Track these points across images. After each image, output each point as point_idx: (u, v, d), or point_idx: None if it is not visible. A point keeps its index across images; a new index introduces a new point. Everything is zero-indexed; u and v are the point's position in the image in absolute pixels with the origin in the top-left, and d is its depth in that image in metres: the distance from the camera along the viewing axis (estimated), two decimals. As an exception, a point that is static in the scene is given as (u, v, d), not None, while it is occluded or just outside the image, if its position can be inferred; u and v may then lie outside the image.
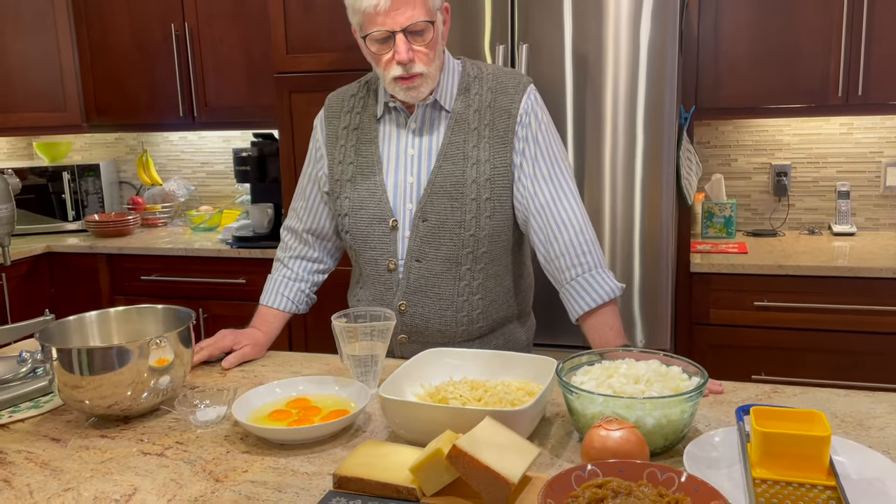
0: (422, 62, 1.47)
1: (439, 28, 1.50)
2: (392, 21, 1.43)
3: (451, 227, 1.53)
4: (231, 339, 1.61)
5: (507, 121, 1.53)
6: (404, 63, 1.46)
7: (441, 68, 1.55)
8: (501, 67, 1.62)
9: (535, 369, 1.33)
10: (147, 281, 3.16)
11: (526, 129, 1.54)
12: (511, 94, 1.55)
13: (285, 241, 1.74)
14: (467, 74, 1.58)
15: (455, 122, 1.55)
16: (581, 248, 1.50)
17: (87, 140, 3.91)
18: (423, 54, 1.47)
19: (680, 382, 1.17)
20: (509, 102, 1.54)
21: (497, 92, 1.55)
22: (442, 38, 1.54)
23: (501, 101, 1.55)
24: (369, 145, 1.59)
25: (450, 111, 1.56)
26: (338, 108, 1.65)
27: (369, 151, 1.58)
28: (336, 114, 1.64)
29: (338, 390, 1.35)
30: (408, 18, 1.43)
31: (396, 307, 1.57)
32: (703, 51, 2.69)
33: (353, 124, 1.61)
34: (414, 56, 1.46)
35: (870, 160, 2.96)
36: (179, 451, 1.21)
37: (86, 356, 1.25)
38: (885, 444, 1.14)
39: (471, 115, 1.55)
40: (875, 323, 2.44)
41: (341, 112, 1.64)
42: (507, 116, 1.54)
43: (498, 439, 1.04)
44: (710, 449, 1.10)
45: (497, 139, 1.53)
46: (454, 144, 1.54)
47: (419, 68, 1.47)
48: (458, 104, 1.56)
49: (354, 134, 1.61)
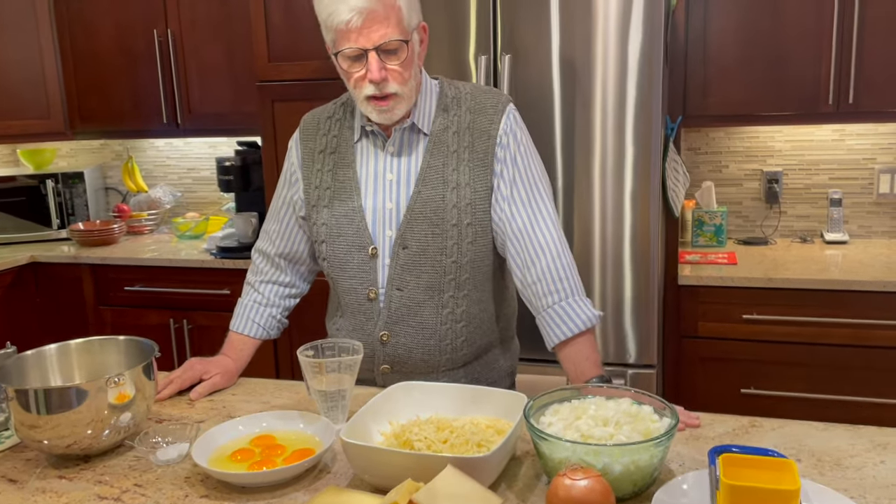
0: (395, 81, 1.43)
1: (415, 48, 1.46)
2: (364, 39, 1.39)
3: (433, 253, 1.49)
4: (200, 369, 1.57)
5: (487, 142, 1.49)
6: (377, 82, 1.41)
7: (417, 89, 1.50)
8: (480, 86, 1.58)
9: (507, 405, 1.29)
10: (131, 291, 3.13)
11: (504, 150, 1.50)
12: (490, 114, 1.51)
13: (256, 264, 1.70)
14: (445, 95, 1.53)
15: (433, 145, 1.51)
16: (558, 273, 1.46)
17: (72, 146, 3.87)
18: (398, 73, 1.43)
19: (651, 424, 1.14)
20: (488, 123, 1.50)
21: (476, 112, 1.51)
22: (419, 59, 1.50)
23: (480, 121, 1.50)
24: (346, 169, 1.55)
25: (428, 133, 1.51)
26: (313, 130, 1.60)
27: (346, 176, 1.54)
28: (311, 136, 1.60)
29: (303, 427, 1.32)
30: (381, 37, 1.39)
31: (378, 337, 1.53)
32: (691, 58, 2.65)
33: (330, 147, 1.57)
34: (387, 75, 1.42)
35: (862, 167, 2.92)
36: (136, 496, 1.17)
37: (42, 396, 1.22)
38: (861, 486, 1.11)
39: (450, 137, 1.51)
40: (865, 337, 2.40)
41: (317, 134, 1.59)
42: (486, 138, 1.49)
43: (458, 489, 1.00)
44: (680, 495, 1.07)
45: (477, 162, 1.49)
46: (433, 168, 1.49)
47: (392, 88, 1.43)
48: (437, 126, 1.51)
49: (331, 158, 1.56)
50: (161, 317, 3.10)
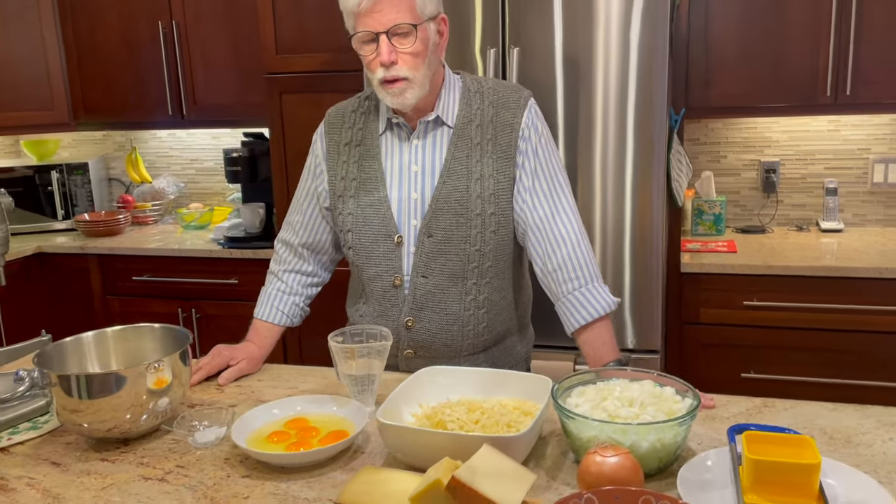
0: (406, 65, 1.47)
1: (429, 36, 1.49)
2: (375, 22, 1.44)
3: (457, 242, 1.54)
4: (227, 355, 1.62)
5: (510, 135, 1.54)
6: (386, 64, 1.46)
7: (435, 79, 1.55)
8: (501, 81, 1.63)
9: (530, 387, 1.34)
10: (139, 281, 3.16)
11: (526, 142, 1.55)
12: (513, 108, 1.56)
13: (280, 253, 1.75)
14: (468, 89, 1.58)
15: (457, 138, 1.55)
16: (577, 262, 1.52)
17: (74, 137, 3.88)
18: (409, 57, 1.47)
19: (673, 405, 1.19)
20: (511, 117, 1.55)
21: (499, 106, 1.56)
22: (437, 49, 1.53)
23: (503, 115, 1.55)
24: (372, 161, 1.59)
25: (452, 126, 1.56)
26: (338, 123, 1.65)
27: (372, 167, 1.59)
28: (337, 129, 1.64)
29: (336, 410, 1.37)
30: (391, 20, 1.43)
31: (403, 323, 1.58)
32: (693, 51, 2.70)
33: (356, 140, 1.61)
34: (397, 58, 1.46)
35: (857, 157, 2.99)
36: (180, 476, 1.22)
37: (84, 381, 1.26)
38: (872, 462, 1.17)
39: (473, 130, 1.56)
40: (862, 322, 2.48)
41: (342, 127, 1.64)
42: (509, 131, 1.55)
43: (495, 467, 1.05)
44: (703, 471, 1.12)
45: (500, 154, 1.54)
46: (457, 160, 1.54)
47: (402, 72, 1.47)
48: (460, 119, 1.56)
49: (357, 150, 1.61)
50: (169, 306, 3.13)
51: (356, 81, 2.69)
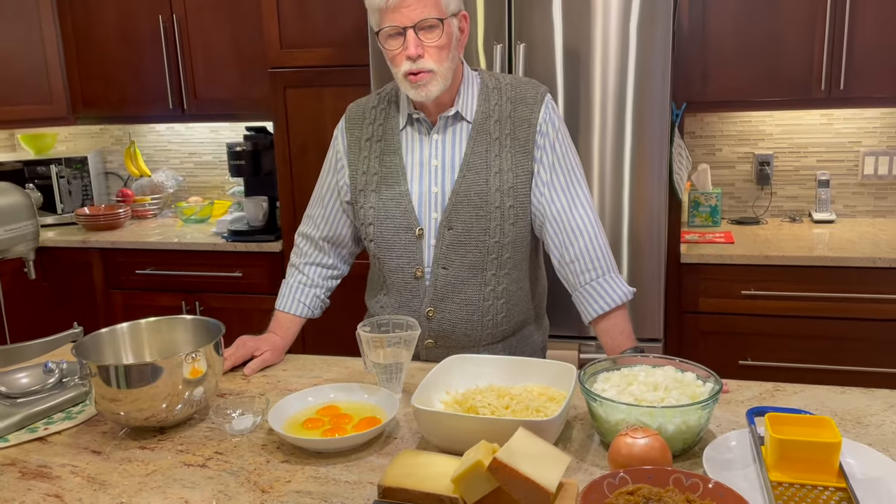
0: (431, 59, 1.51)
1: (452, 31, 1.54)
2: (402, 17, 1.48)
3: (477, 234, 1.59)
4: (252, 346, 1.65)
5: (528, 130, 1.59)
6: (413, 58, 1.50)
7: (456, 74, 1.59)
8: (518, 77, 1.67)
9: (553, 374, 1.40)
10: (142, 275, 3.18)
11: (544, 137, 1.60)
12: (531, 104, 1.60)
13: (300, 247, 1.78)
14: (486, 85, 1.63)
15: (476, 133, 1.60)
16: (594, 253, 1.57)
17: (71, 131, 3.88)
18: (434, 50, 1.51)
19: (696, 389, 1.25)
20: (529, 112, 1.60)
21: (516, 102, 1.61)
22: (458, 44, 1.58)
23: (521, 111, 1.60)
24: (393, 156, 1.63)
25: (471, 122, 1.61)
26: (359, 119, 1.69)
27: (393, 162, 1.63)
28: (357, 124, 1.68)
29: (366, 398, 1.41)
30: (418, 15, 1.48)
31: (424, 313, 1.63)
32: (691, 46, 2.76)
33: (377, 135, 1.65)
34: (423, 52, 1.51)
35: (848, 150, 3.07)
36: (221, 462, 1.26)
37: (123, 371, 1.30)
38: (883, 441, 1.24)
39: (491, 125, 1.60)
40: (855, 310, 2.56)
41: (363, 123, 1.68)
42: (527, 126, 1.59)
43: (532, 449, 1.11)
44: (726, 451, 1.18)
45: (518, 148, 1.59)
46: (477, 154, 1.59)
47: (428, 64, 1.51)
48: (479, 115, 1.61)
49: (378, 145, 1.65)
50: (173, 299, 3.15)
51: (360, 76, 2.72)
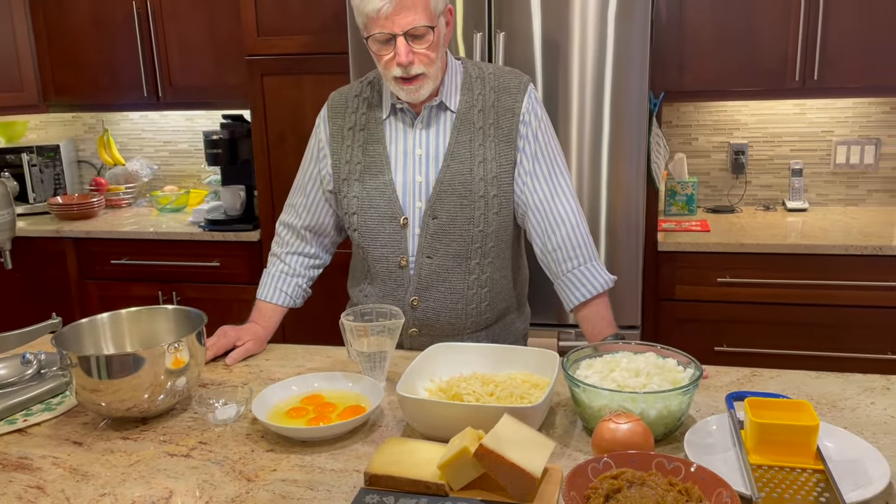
0: (422, 63, 1.51)
1: (441, 32, 1.54)
2: (393, 24, 1.47)
3: (461, 224, 1.59)
4: (233, 336, 1.65)
5: (511, 119, 1.60)
6: (404, 65, 1.50)
7: (443, 69, 1.60)
8: (501, 66, 1.68)
9: (536, 361, 1.41)
10: (117, 265, 3.14)
11: (527, 127, 1.60)
12: (514, 93, 1.61)
13: (282, 236, 1.78)
14: (469, 75, 1.63)
15: (460, 122, 1.60)
16: (576, 242, 1.59)
17: (42, 119, 3.81)
18: (424, 56, 1.51)
19: (677, 374, 1.27)
20: (512, 102, 1.60)
21: (500, 91, 1.61)
22: (444, 41, 1.58)
23: (505, 100, 1.60)
24: (376, 145, 1.63)
25: (454, 111, 1.61)
26: (342, 108, 1.68)
27: (377, 151, 1.63)
28: (340, 113, 1.67)
29: (350, 386, 1.41)
30: (409, 23, 1.47)
31: (408, 302, 1.63)
32: (669, 36, 2.78)
33: (360, 124, 1.65)
34: (414, 59, 1.50)
35: (821, 139, 3.11)
36: (205, 452, 1.26)
37: (104, 362, 1.29)
38: (858, 424, 1.27)
39: (475, 114, 1.61)
40: (827, 296, 2.60)
41: (346, 112, 1.67)
42: (510, 115, 1.60)
43: (518, 435, 1.12)
44: (707, 435, 1.20)
45: (502, 138, 1.60)
46: (461, 143, 1.59)
47: (419, 69, 1.52)
48: (462, 104, 1.61)
49: (361, 134, 1.64)
50: (149, 289, 3.12)
51: (338, 63, 2.70)
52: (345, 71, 2.60)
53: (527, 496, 1.06)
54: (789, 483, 1.05)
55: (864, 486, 1.04)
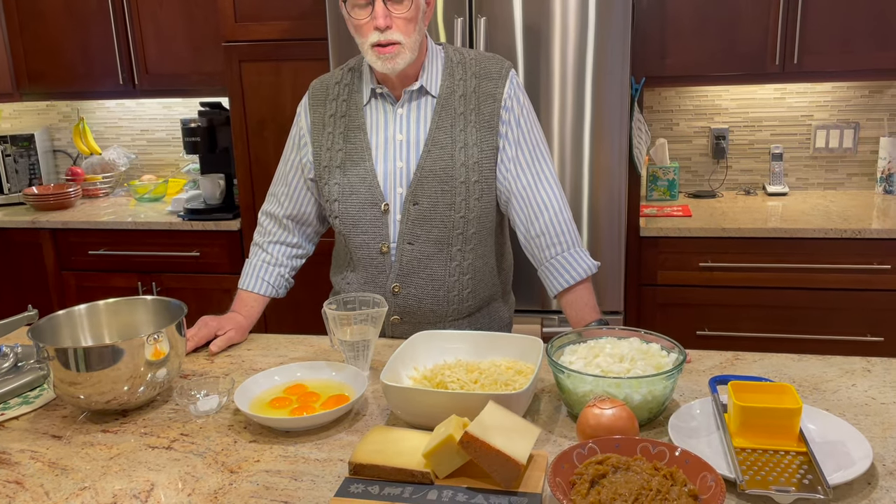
0: (399, 30, 1.49)
1: (420, 3, 1.52)
2: None
3: (442, 209, 1.58)
4: (214, 326, 1.63)
5: (493, 105, 1.58)
6: (381, 28, 1.48)
7: (422, 48, 1.58)
8: (482, 52, 1.66)
9: (520, 348, 1.40)
10: (95, 255, 3.10)
11: (509, 113, 1.59)
12: (495, 79, 1.59)
13: (264, 225, 1.76)
14: (450, 60, 1.61)
15: (441, 108, 1.59)
16: (559, 228, 1.58)
17: (16, 107, 3.74)
18: (402, 22, 1.49)
19: (660, 359, 1.27)
20: (494, 87, 1.59)
21: (481, 77, 1.59)
22: (425, 17, 1.56)
23: (486, 86, 1.59)
24: (357, 132, 1.61)
25: (436, 96, 1.59)
26: (323, 96, 1.66)
27: (358, 138, 1.61)
28: (321, 101, 1.65)
29: (333, 375, 1.40)
30: None
31: (390, 289, 1.62)
32: (650, 21, 2.77)
33: (340, 111, 1.63)
34: (392, 23, 1.48)
35: (801, 123, 3.13)
36: (187, 444, 1.24)
37: (83, 354, 1.26)
38: (840, 406, 1.28)
39: (456, 100, 1.59)
40: (808, 280, 2.63)
41: (326, 99, 1.65)
42: (492, 101, 1.58)
43: (503, 422, 1.11)
44: (691, 419, 1.21)
45: (483, 124, 1.58)
46: (442, 129, 1.58)
47: (396, 36, 1.49)
48: (444, 90, 1.59)
49: (342, 121, 1.62)
50: (128, 280, 3.09)
51: (317, 49, 2.68)
52: (324, 57, 2.58)
53: (512, 483, 1.06)
54: (773, 465, 1.05)
55: (846, 467, 1.05)
